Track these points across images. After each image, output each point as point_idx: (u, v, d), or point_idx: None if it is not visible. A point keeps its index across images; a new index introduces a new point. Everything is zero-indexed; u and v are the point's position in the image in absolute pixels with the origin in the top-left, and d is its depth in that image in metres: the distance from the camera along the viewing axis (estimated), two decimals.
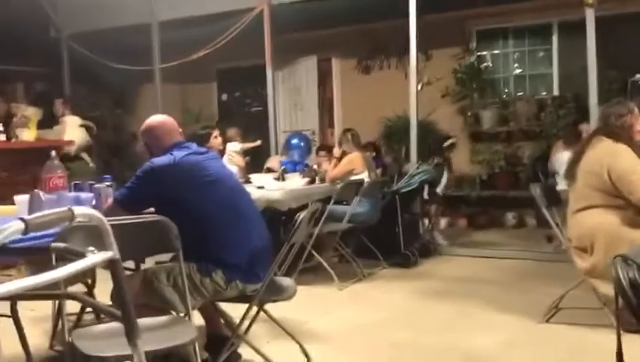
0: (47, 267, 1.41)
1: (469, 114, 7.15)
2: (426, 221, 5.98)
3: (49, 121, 6.13)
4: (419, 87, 5.93)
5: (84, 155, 6.10)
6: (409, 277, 4.83)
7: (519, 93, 7.19)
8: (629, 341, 2.02)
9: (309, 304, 3.93)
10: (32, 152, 4.78)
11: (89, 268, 1.26)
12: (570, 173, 3.39)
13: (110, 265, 1.29)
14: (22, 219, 1.11)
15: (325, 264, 4.54)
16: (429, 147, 6.34)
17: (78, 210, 1.23)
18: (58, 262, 1.77)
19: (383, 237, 5.16)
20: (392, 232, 5.23)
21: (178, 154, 2.61)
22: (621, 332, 2.51)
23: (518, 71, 7.29)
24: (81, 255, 1.30)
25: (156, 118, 2.85)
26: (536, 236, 6.03)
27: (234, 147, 5.69)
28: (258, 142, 6.19)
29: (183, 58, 6.71)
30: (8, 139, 5.19)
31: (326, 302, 4.14)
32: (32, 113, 5.65)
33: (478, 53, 7.31)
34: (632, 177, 3.09)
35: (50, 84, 7.77)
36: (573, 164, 3.36)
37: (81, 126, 6.15)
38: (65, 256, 1.39)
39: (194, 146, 2.76)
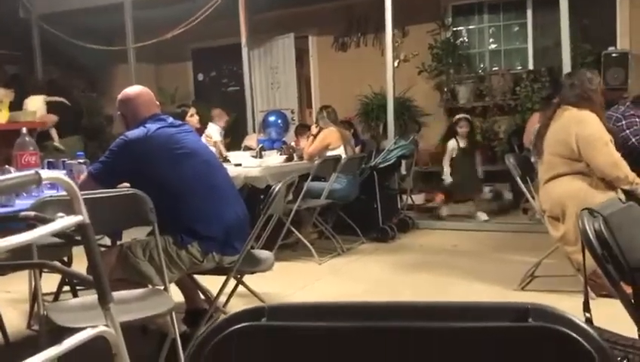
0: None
1: (446, 89, 7.18)
2: (404, 196, 6.03)
3: (21, 103, 6.02)
4: (395, 64, 5.94)
5: (53, 133, 5.95)
6: (387, 251, 4.88)
7: (495, 68, 7.23)
8: (602, 304, 2.09)
9: (288, 278, 3.96)
10: (4, 134, 4.70)
11: (59, 232, 1.26)
12: (537, 146, 3.44)
13: (80, 229, 1.29)
14: None
15: (304, 239, 4.57)
16: (405, 123, 6.37)
17: (45, 173, 1.22)
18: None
19: (361, 213, 5.19)
20: (371, 208, 5.27)
21: (152, 126, 2.60)
22: (594, 296, 2.59)
23: (493, 46, 7.32)
24: (50, 221, 1.29)
25: (133, 89, 2.83)
26: (512, 208, 6.11)
27: (214, 131, 5.66)
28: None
29: (157, 38, 6.63)
30: None
31: (305, 277, 4.17)
32: (3, 95, 5.54)
33: (454, 29, 7.32)
34: (596, 143, 3.16)
35: (22, 67, 7.63)
36: (540, 136, 3.42)
37: (48, 103, 6.00)
38: (35, 223, 1.38)
39: (170, 119, 2.74)
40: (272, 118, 5.79)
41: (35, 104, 5.91)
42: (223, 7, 6.21)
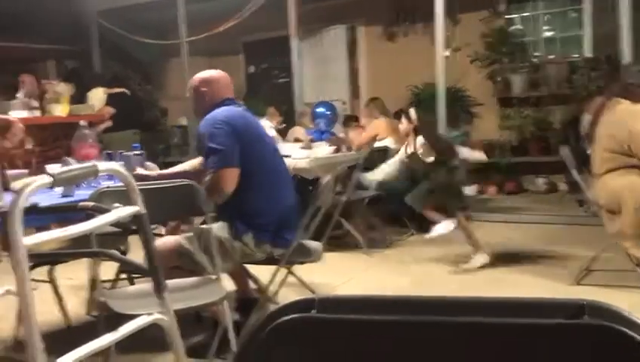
0: None
1: (499, 79, 7.01)
2: None
3: (81, 96, 6.23)
4: (446, 53, 5.84)
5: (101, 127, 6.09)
6: (437, 244, 4.81)
7: (550, 56, 7.01)
8: None
9: (337, 269, 3.97)
10: (65, 127, 4.88)
11: (115, 222, 1.30)
12: (589, 136, 3.33)
13: (136, 219, 1.33)
14: (49, 174, 1.15)
15: (353, 231, 4.57)
16: (457, 114, 6.26)
17: (102, 165, 1.26)
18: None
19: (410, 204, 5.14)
20: None
21: (235, 108, 2.67)
22: None
23: (548, 33, 7.10)
24: (107, 211, 1.34)
25: (216, 71, 2.93)
26: (568, 201, 5.94)
27: (266, 126, 5.72)
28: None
29: (209, 31, 6.73)
30: (42, 114, 5.31)
31: (353, 268, 4.17)
32: (64, 89, 5.75)
33: (507, 16, 7.14)
34: None
35: (80, 61, 7.89)
36: (592, 126, 3.30)
37: (108, 95, 6.17)
38: (93, 213, 1.43)
39: (242, 105, 2.82)
40: (320, 110, 5.80)
41: (96, 96, 6.10)
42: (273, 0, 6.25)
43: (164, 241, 2.60)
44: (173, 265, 2.43)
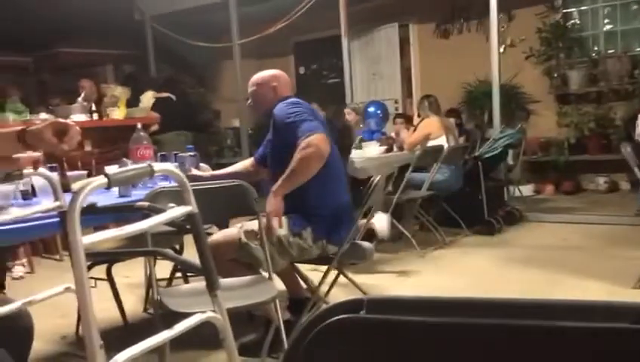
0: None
1: (556, 75, 6.81)
2: (511, 187, 5.80)
3: (137, 99, 6.41)
4: (501, 50, 5.72)
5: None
6: (492, 245, 4.72)
7: (610, 51, 6.76)
8: None
9: (389, 270, 3.95)
10: (121, 130, 5.03)
11: (170, 221, 1.33)
12: None
13: (189, 218, 1.35)
14: (105, 175, 1.18)
15: (405, 231, 4.53)
16: (512, 111, 6.12)
17: (157, 165, 1.29)
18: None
19: (465, 205, 5.06)
20: (475, 199, 5.12)
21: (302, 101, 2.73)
22: None
23: (608, 27, 6.84)
24: (162, 211, 1.36)
25: (278, 70, 2.98)
26: (629, 200, 5.71)
27: None
28: None
29: (260, 33, 6.80)
30: (100, 117, 5.49)
31: (406, 268, 4.12)
32: (121, 93, 5.93)
33: (565, 11, 6.92)
34: None
35: (136, 65, 8.12)
36: None
37: (156, 98, 6.32)
38: (149, 213, 1.46)
39: None
40: (371, 109, 5.76)
41: (146, 99, 6.27)
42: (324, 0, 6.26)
43: (225, 233, 2.60)
44: (231, 258, 2.46)
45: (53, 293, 1.77)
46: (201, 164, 3.10)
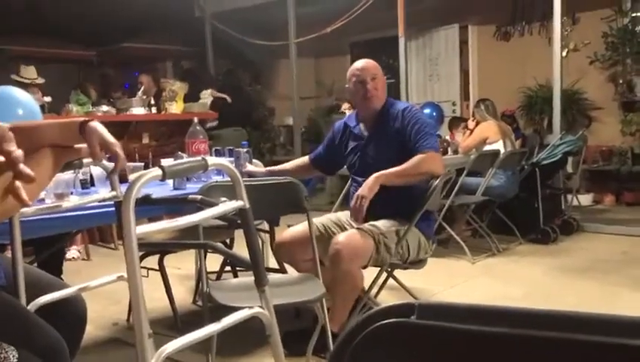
0: None
1: (621, 81, 6.54)
2: (569, 196, 5.61)
3: (195, 94, 6.55)
4: (563, 54, 5.54)
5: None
6: (547, 254, 4.58)
7: None
8: None
9: (439, 275, 3.87)
10: (179, 124, 5.14)
11: (222, 215, 1.33)
12: None
13: (240, 213, 1.35)
14: (160, 166, 1.20)
15: (457, 237, 4.44)
16: (573, 117, 5.92)
17: (211, 159, 1.30)
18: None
19: (520, 212, 4.93)
20: (531, 207, 4.97)
21: None
22: None
23: None
24: (214, 205, 1.37)
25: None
26: None
27: None
28: None
29: (317, 32, 6.82)
30: (158, 111, 5.63)
31: (456, 275, 4.05)
32: (179, 88, 6.07)
33: (633, 14, 6.64)
34: None
35: (195, 61, 8.28)
36: None
37: (214, 97, 6.46)
38: (202, 206, 1.48)
39: None
40: (427, 111, 5.68)
41: (204, 96, 6.40)
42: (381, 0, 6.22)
43: (353, 238, 2.51)
44: (359, 258, 2.48)
45: (106, 281, 1.81)
46: (254, 160, 3.12)
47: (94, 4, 6.55)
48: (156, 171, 1.18)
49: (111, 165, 1.46)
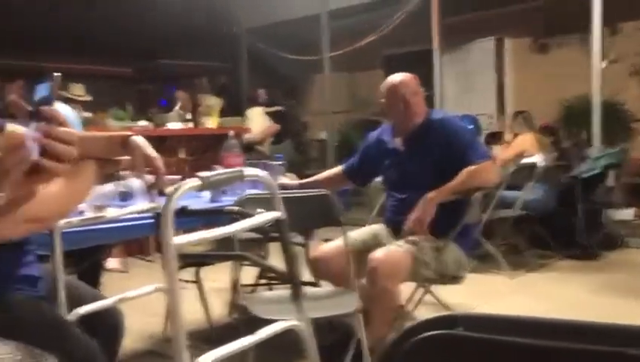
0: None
1: None
2: (610, 210, 5.46)
3: (229, 110, 6.64)
4: (603, 65, 5.43)
5: (266, 143, 6.51)
6: (588, 270, 4.45)
7: None
8: None
9: (477, 291, 3.80)
10: (214, 138, 5.20)
11: (257, 227, 1.33)
12: None
13: (277, 224, 1.35)
14: (198, 177, 1.20)
15: (494, 251, 4.36)
16: (614, 130, 5.78)
17: (248, 171, 1.30)
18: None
19: (559, 227, 4.82)
20: (570, 221, 4.85)
21: None
22: None
23: None
24: (251, 216, 1.37)
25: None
26: None
27: None
28: None
29: (350, 46, 6.84)
30: (194, 126, 5.71)
31: (494, 290, 3.97)
32: (215, 103, 6.17)
33: None
34: None
35: (230, 77, 8.39)
36: None
37: (268, 113, 6.58)
38: (238, 217, 1.48)
39: None
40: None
41: (256, 115, 6.53)
42: (416, 13, 6.21)
43: (395, 250, 2.51)
44: (397, 275, 2.45)
45: (144, 292, 1.83)
46: (288, 174, 3.12)
47: (133, 23, 6.71)
48: (194, 182, 1.18)
49: (150, 178, 1.48)
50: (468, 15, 7.19)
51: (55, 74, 0.91)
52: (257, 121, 6.50)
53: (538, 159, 4.81)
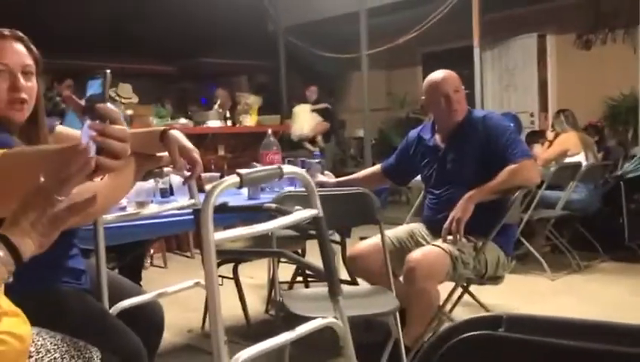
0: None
1: None
2: None
3: (268, 107, 6.68)
4: None
5: (319, 140, 6.57)
6: (634, 273, 4.32)
7: None
8: None
9: (517, 292, 3.73)
10: (252, 136, 5.24)
11: (295, 224, 1.33)
12: None
13: (314, 222, 1.35)
14: (237, 173, 1.21)
15: (535, 252, 4.27)
16: None
17: (286, 168, 1.30)
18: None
19: (603, 228, 4.68)
20: (615, 222, 4.71)
21: None
22: None
23: None
24: (289, 213, 1.38)
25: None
26: None
27: None
28: None
29: (388, 44, 6.79)
30: (233, 124, 5.77)
31: (535, 292, 3.89)
32: (253, 101, 6.22)
33: None
34: None
35: (268, 76, 8.43)
36: None
37: (313, 111, 6.63)
38: (276, 215, 1.49)
39: None
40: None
41: (304, 113, 6.59)
42: (456, 9, 6.12)
43: (434, 250, 2.47)
44: (435, 276, 2.42)
45: (183, 287, 1.85)
46: (326, 171, 3.12)
47: (172, 21, 6.81)
48: (234, 178, 1.19)
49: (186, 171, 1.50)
50: (509, 11, 7.05)
51: (107, 71, 0.92)
52: (304, 118, 6.56)
53: (582, 158, 4.69)
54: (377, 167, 3.07)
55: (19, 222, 0.86)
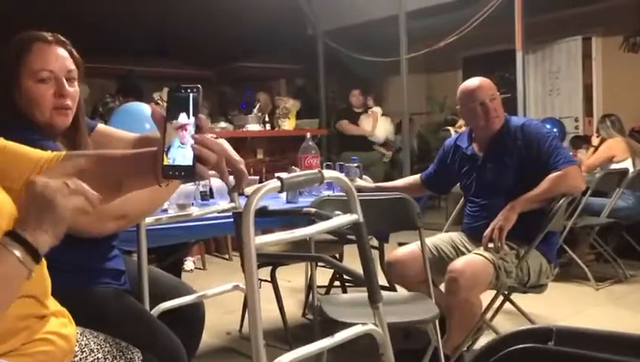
0: None
1: None
2: None
3: (307, 111, 6.70)
4: None
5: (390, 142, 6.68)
6: None
7: None
8: None
9: (560, 301, 3.64)
10: (291, 139, 5.26)
11: (334, 230, 1.32)
12: None
13: (354, 227, 1.34)
14: (278, 178, 1.21)
15: (579, 261, 4.15)
16: None
17: (327, 172, 1.29)
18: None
19: None
20: None
21: None
22: None
23: None
24: (329, 218, 1.37)
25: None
26: None
27: None
28: None
29: (428, 47, 6.73)
30: (272, 128, 5.80)
31: (579, 301, 3.78)
32: (292, 105, 6.24)
33: None
34: None
35: (307, 79, 8.46)
36: None
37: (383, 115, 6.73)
38: (315, 219, 1.48)
39: None
40: (547, 127, 5.41)
41: (381, 117, 6.69)
42: (497, 12, 6.02)
43: (476, 259, 2.42)
44: (478, 286, 2.38)
45: (223, 290, 1.87)
46: (364, 176, 3.11)
47: (211, 26, 6.89)
48: (275, 183, 1.19)
49: (232, 180, 1.51)
50: (553, 13, 6.90)
51: (198, 86, 0.98)
52: (382, 121, 6.69)
53: (629, 165, 4.55)
54: (417, 176, 3.04)
55: (28, 218, 0.89)
